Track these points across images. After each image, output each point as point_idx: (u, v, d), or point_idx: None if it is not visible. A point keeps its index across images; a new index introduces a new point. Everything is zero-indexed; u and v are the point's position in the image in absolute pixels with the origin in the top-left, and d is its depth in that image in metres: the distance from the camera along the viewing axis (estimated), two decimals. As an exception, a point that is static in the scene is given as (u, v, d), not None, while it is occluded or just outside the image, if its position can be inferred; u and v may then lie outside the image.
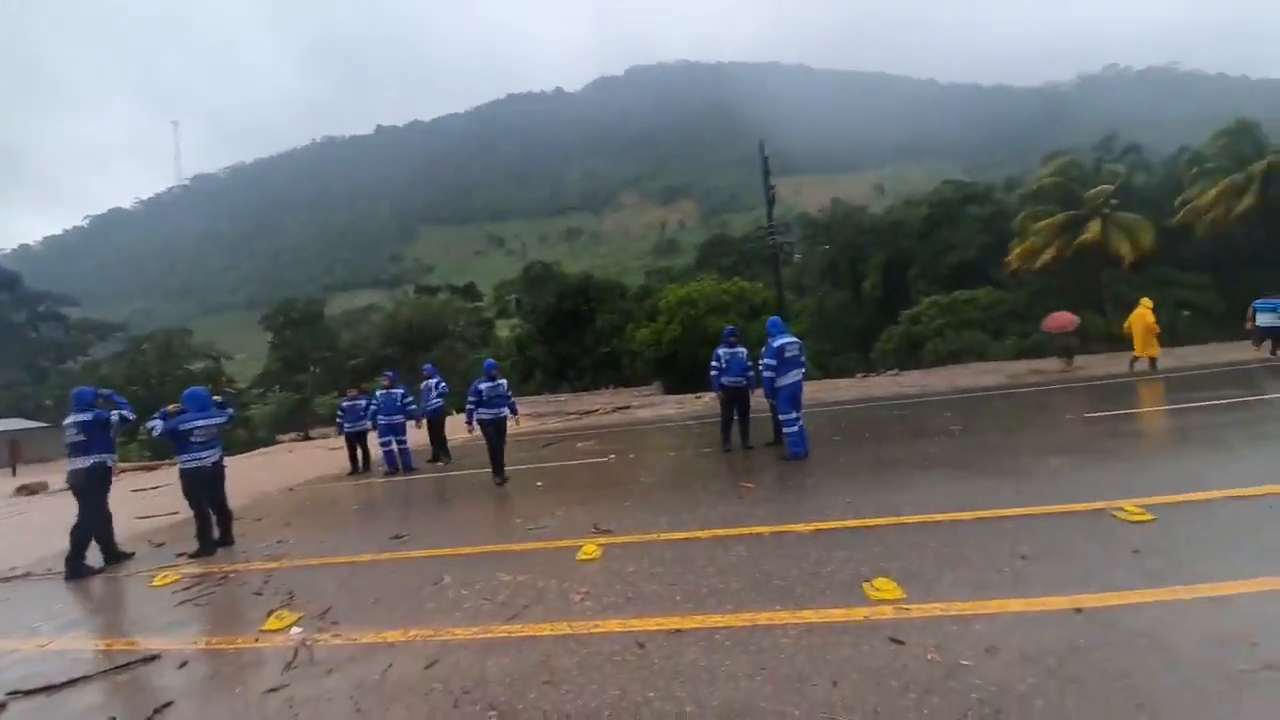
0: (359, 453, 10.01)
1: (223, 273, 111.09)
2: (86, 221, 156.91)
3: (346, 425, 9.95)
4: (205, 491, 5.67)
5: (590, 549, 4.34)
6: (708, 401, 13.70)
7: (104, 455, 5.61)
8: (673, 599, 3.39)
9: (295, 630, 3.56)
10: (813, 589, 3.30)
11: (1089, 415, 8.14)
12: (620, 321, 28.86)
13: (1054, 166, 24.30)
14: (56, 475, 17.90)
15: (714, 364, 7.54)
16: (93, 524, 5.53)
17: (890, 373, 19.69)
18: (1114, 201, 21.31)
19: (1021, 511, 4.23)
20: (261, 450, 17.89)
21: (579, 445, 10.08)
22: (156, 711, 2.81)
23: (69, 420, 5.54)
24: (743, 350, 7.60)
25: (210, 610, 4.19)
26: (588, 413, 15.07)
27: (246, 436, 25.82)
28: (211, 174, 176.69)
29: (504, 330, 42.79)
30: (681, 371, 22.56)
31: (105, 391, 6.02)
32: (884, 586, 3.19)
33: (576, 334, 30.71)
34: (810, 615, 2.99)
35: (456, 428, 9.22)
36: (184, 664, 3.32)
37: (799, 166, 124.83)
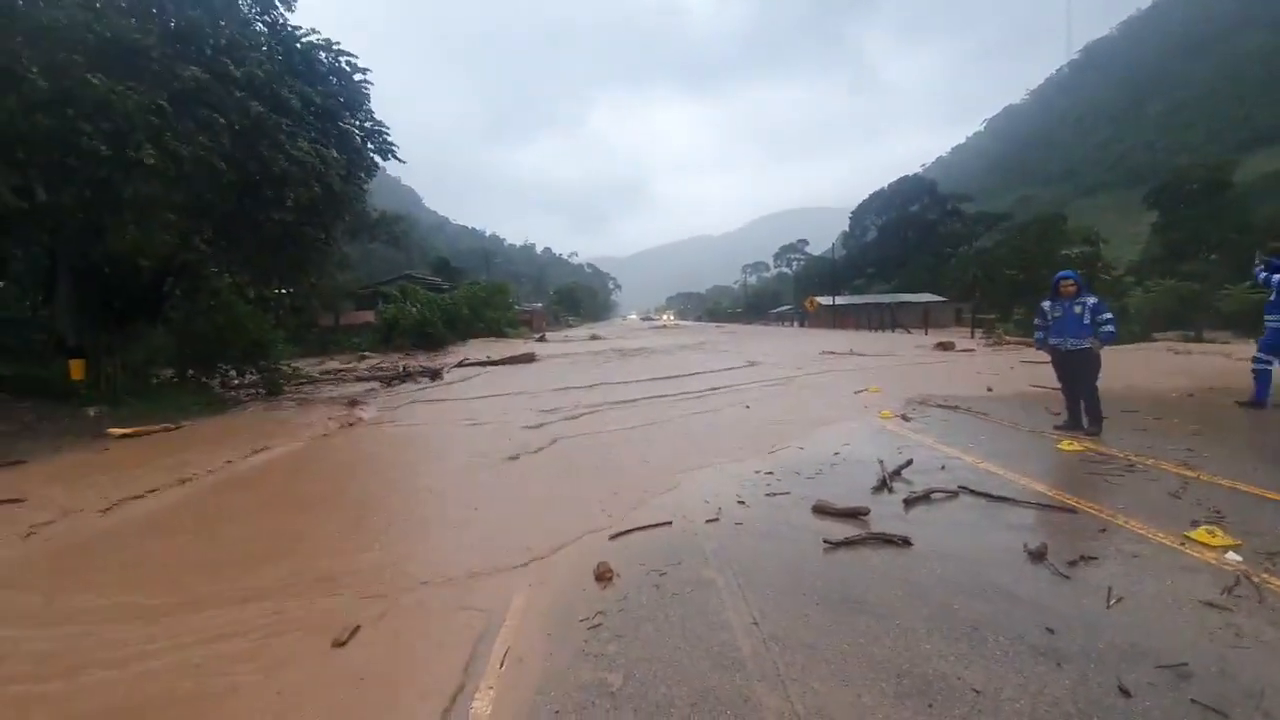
0: None
1: (1102, 148, 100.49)
2: (983, 125, 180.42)
3: None
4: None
5: None
6: None
7: None
8: None
9: (1231, 555, 3.09)
10: None
11: None
12: None
13: None
14: (956, 337, 22.91)
15: None
16: None
17: None
18: None
19: None
20: (1132, 346, 16.16)
21: None
22: (1081, 559, 3.16)
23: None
24: None
25: (1123, 491, 4.24)
26: None
27: (1120, 330, 23.71)
28: (1102, 37, 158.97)
29: None
30: None
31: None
32: None
33: None
34: None
35: None
36: (1103, 529, 3.56)
37: None
